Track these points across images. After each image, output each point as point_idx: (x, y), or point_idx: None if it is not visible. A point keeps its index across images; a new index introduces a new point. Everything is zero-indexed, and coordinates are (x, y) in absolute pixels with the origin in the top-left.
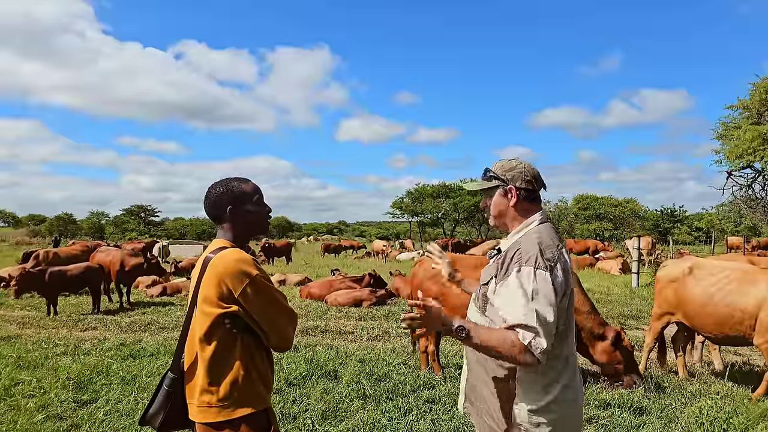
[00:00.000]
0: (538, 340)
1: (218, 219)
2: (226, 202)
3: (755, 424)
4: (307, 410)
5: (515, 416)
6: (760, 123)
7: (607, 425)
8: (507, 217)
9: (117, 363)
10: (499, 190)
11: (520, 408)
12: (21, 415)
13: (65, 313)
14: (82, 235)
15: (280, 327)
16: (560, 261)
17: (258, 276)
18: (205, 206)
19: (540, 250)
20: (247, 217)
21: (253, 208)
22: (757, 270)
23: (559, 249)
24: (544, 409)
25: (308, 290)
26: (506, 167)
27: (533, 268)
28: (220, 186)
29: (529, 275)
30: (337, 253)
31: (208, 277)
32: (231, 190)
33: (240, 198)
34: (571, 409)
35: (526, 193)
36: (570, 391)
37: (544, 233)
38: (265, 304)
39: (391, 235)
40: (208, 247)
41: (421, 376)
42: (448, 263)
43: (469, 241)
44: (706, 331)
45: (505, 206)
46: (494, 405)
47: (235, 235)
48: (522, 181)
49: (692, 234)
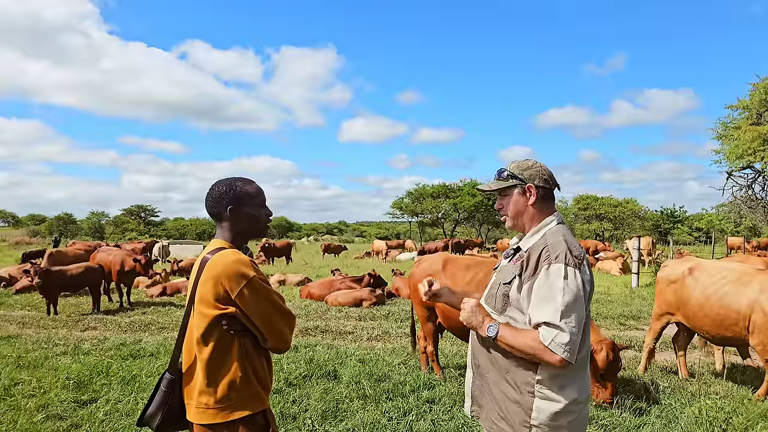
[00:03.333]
0: (562, 337)
1: (218, 217)
2: (227, 202)
3: (755, 424)
4: (307, 410)
5: (533, 418)
6: (760, 123)
7: (607, 425)
8: (525, 216)
9: (117, 363)
10: (517, 189)
11: (540, 410)
12: (21, 414)
13: (65, 313)
14: (82, 235)
15: (277, 328)
16: (585, 259)
17: (255, 277)
18: (206, 204)
19: (568, 247)
20: (247, 218)
21: (254, 210)
22: (753, 272)
23: (582, 247)
24: (564, 410)
25: (308, 290)
26: (522, 166)
27: (564, 264)
28: (223, 185)
29: (559, 272)
30: (337, 254)
31: (206, 277)
32: (234, 189)
33: (242, 198)
34: (585, 409)
35: (543, 192)
36: (586, 391)
37: (567, 232)
38: (262, 306)
39: (391, 235)
40: (206, 247)
41: (421, 376)
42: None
43: (469, 242)
44: (704, 332)
45: (523, 205)
46: (510, 407)
47: (234, 235)
48: (540, 179)
49: (692, 234)
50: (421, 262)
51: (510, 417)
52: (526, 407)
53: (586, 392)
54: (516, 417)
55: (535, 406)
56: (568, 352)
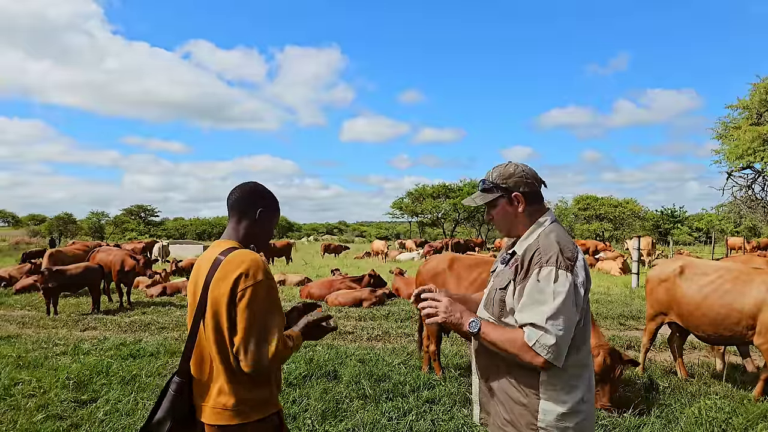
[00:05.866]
0: (546, 339)
1: (242, 214)
2: (263, 203)
3: (755, 424)
4: (307, 410)
5: (540, 420)
6: (760, 123)
7: (607, 425)
8: (517, 223)
9: (117, 363)
10: (504, 200)
11: (546, 412)
12: (21, 414)
13: (65, 313)
14: (81, 235)
15: (255, 340)
16: (578, 259)
17: (264, 282)
18: (235, 197)
19: (560, 249)
20: (267, 227)
21: (272, 223)
22: (750, 270)
23: (576, 247)
24: (571, 411)
25: (308, 290)
26: (504, 174)
27: (555, 267)
28: (261, 187)
29: (550, 275)
30: (337, 254)
31: (221, 275)
32: (271, 196)
33: (272, 207)
34: (591, 409)
35: (530, 196)
36: (591, 390)
37: (560, 232)
38: (253, 311)
39: (391, 235)
40: (211, 247)
41: (421, 376)
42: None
43: (469, 241)
44: (700, 331)
45: (513, 214)
46: (516, 410)
47: (245, 237)
48: (524, 185)
49: (692, 234)
50: (428, 261)
51: (516, 420)
52: (533, 409)
53: (592, 390)
54: (522, 419)
55: (542, 407)
56: (552, 354)
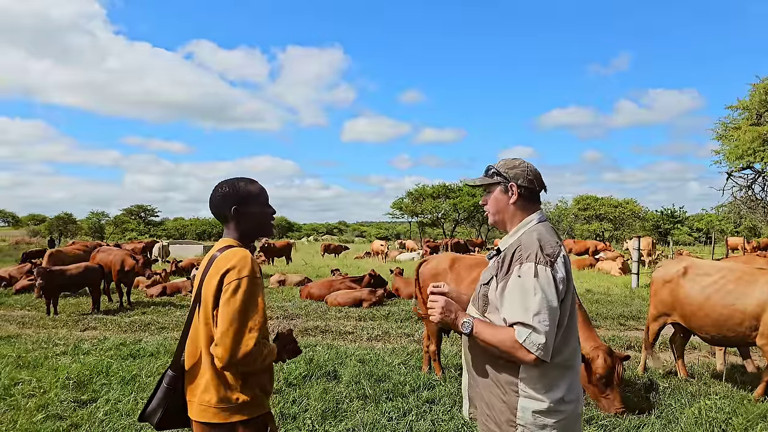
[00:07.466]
0: (536, 337)
1: (223, 218)
2: (230, 202)
3: (755, 424)
4: (307, 410)
5: (519, 418)
6: (760, 124)
7: (607, 426)
8: (506, 214)
9: (117, 363)
10: (500, 186)
11: (524, 409)
12: (21, 414)
13: (65, 313)
14: (81, 235)
15: (231, 334)
16: (560, 256)
17: (248, 278)
18: (210, 205)
19: (540, 246)
20: (252, 218)
21: (258, 210)
22: (754, 271)
23: (558, 245)
24: (549, 409)
25: (308, 290)
26: (509, 165)
27: (534, 263)
28: (226, 185)
29: (530, 271)
30: (337, 254)
31: (212, 273)
32: (237, 190)
33: (245, 198)
34: (575, 409)
35: (526, 192)
36: (574, 391)
37: (543, 230)
38: (233, 305)
39: (391, 235)
40: (213, 246)
41: (421, 376)
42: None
43: (469, 242)
44: (703, 332)
45: (504, 203)
46: (497, 406)
47: (240, 235)
48: (524, 179)
49: (692, 235)
50: (428, 261)
51: (497, 416)
52: (512, 406)
53: (575, 392)
54: (502, 416)
55: (520, 405)
56: (542, 350)
